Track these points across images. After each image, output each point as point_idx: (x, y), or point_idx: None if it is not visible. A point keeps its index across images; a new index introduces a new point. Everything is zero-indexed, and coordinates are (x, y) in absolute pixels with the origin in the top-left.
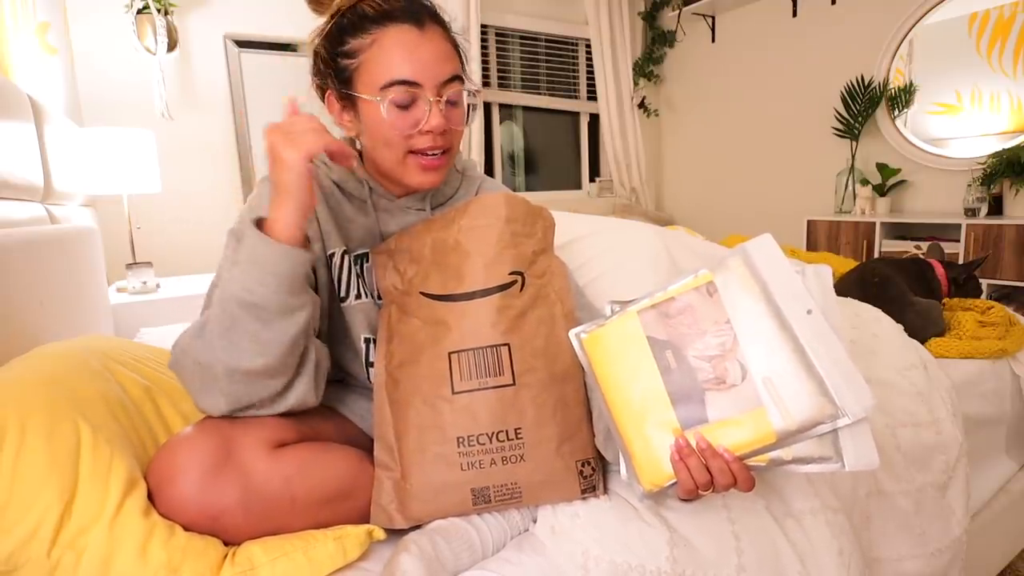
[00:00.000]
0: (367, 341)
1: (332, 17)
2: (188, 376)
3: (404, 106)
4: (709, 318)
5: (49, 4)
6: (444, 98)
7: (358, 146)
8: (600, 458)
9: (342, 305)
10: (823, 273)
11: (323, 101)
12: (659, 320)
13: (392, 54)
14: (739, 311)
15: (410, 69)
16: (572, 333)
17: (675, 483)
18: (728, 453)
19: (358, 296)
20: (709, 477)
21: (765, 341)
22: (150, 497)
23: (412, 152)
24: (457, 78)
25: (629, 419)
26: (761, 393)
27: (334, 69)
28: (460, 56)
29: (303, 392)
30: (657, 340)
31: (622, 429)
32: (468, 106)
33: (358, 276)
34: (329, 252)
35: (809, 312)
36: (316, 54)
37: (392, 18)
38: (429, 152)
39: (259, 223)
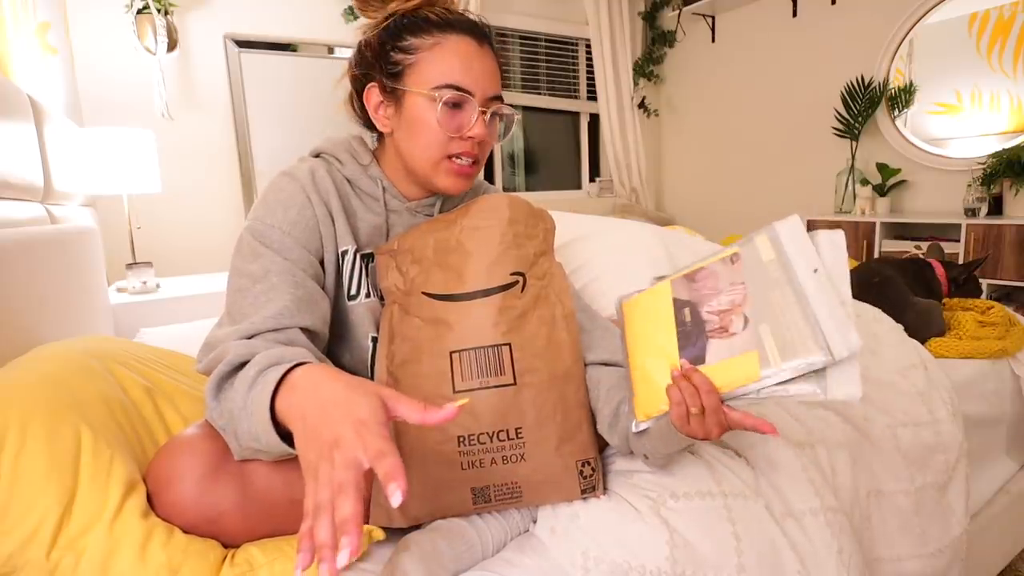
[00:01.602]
0: (374, 340)
1: (388, 16)
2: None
3: (452, 108)
4: (728, 281)
5: (49, 4)
6: (490, 111)
7: (372, 145)
8: (600, 458)
9: (351, 303)
10: (836, 239)
11: (358, 94)
12: (686, 285)
13: (452, 59)
14: (754, 274)
15: (466, 77)
16: (617, 298)
17: (666, 414)
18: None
19: (367, 295)
20: (694, 390)
21: (770, 296)
22: (149, 499)
23: (448, 157)
24: (500, 99)
25: (639, 361)
26: (755, 338)
27: (385, 62)
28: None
29: None
30: (680, 300)
31: (632, 369)
32: (512, 129)
33: (365, 275)
34: (342, 249)
35: (815, 271)
36: (366, 45)
37: (456, 28)
38: (464, 157)
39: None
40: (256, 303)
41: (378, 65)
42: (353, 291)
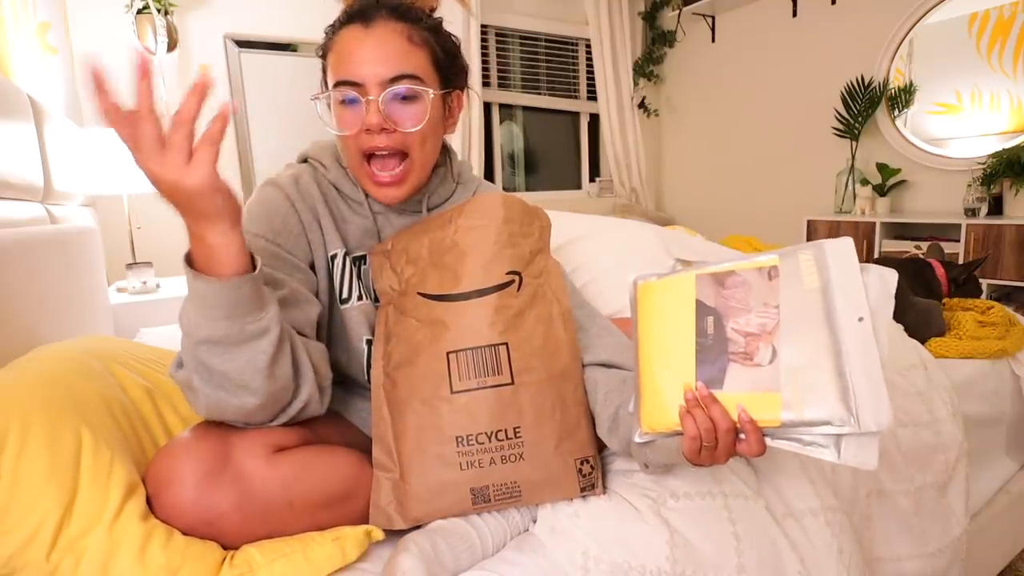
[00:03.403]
0: (368, 343)
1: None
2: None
3: (350, 105)
4: (760, 298)
5: (49, 4)
6: (381, 96)
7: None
8: (599, 456)
9: (343, 307)
10: (887, 277)
11: None
12: (713, 287)
13: (339, 55)
14: (791, 299)
15: (349, 68)
16: (631, 278)
17: (674, 434)
18: (745, 413)
19: (360, 298)
20: (710, 425)
21: (805, 334)
22: (148, 501)
23: (365, 157)
24: (407, 76)
25: (650, 364)
26: (782, 380)
27: (322, 71)
28: (427, 52)
29: (305, 403)
30: (704, 305)
31: (642, 371)
32: (432, 105)
33: (357, 278)
34: (331, 254)
35: (860, 320)
36: None
37: (348, 20)
38: (379, 152)
39: (189, 254)
40: None
41: (322, 76)
42: (344, 295)
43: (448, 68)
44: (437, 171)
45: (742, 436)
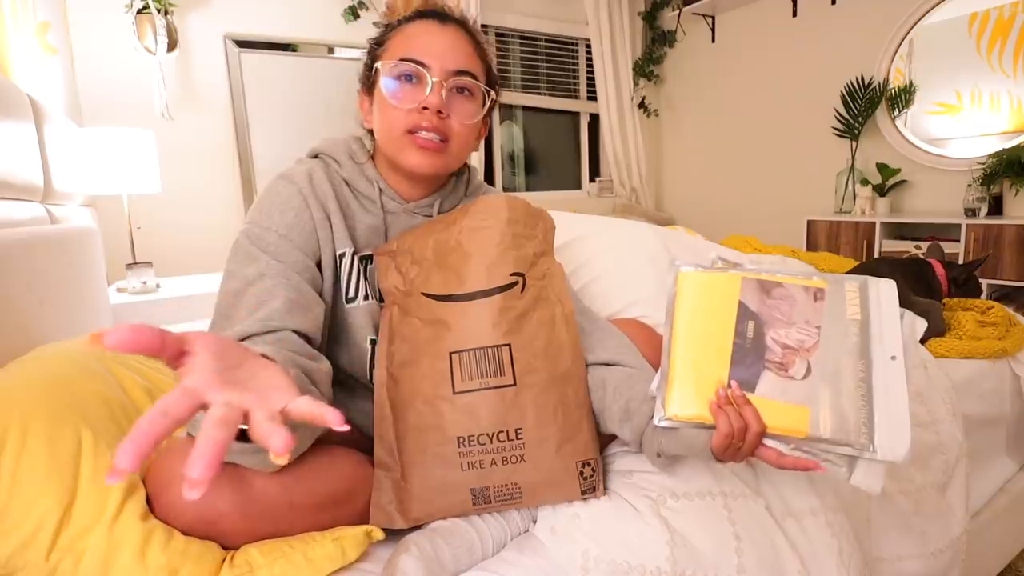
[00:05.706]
0: (372, 342)
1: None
2: None
3: (408, 82)
4: (803, 316)
5: (49, 4)
6: (448, 83)
7: (370, 147)
8: (600, 458)
9: (349, 306)
10: (917, 326)
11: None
12: (758, 294)
13: (409, 38)
14: (832, 324)
15: (420, 51)
16: (674, 264)
17: (699, 426)
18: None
19: (366, 297)
20: (743, 424)
21: (841, 360)
22: (148, 501)
23: (410, 131)
24: (469, 74)
25: (684, 353)
26: (813, 397)
27: (368, 60)
28: (484, 64)
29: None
30: (747, 308)
31: (673, 357)
32: (485, 108)
33: (363, 277)
34: (339, 252)
35: (893, 359)
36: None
37: (422, 15)
38: (425, 131)
39: None
40: (249, 306)
41: (364, 67)
42: (351, 294)
43: (491, 88)
44: (459, 178)
45: (767, 442)
